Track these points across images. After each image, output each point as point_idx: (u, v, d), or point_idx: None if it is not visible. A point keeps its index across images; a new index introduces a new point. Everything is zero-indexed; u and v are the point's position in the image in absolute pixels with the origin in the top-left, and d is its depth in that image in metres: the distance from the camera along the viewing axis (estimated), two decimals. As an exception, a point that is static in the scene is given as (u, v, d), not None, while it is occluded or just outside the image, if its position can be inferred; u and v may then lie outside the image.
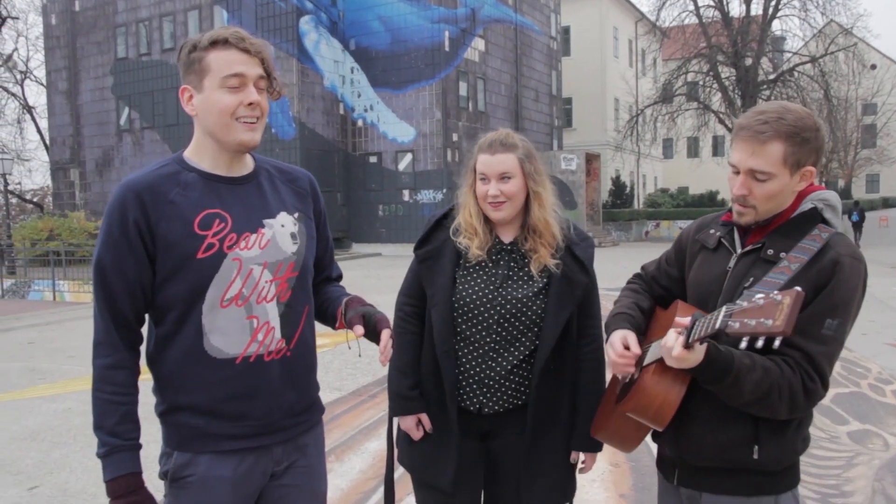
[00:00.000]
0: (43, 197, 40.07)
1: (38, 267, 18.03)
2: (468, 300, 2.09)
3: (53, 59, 30.84)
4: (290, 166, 1.92)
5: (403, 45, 25.25)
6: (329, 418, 5.48)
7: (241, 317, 1.67)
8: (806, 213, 1.76)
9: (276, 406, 1.73)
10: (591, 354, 2.15)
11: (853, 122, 40.86)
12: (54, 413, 5.84)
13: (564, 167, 27.84)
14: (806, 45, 30.03)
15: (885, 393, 5.87)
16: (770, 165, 1.68)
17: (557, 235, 2.11)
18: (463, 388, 2.12)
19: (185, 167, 1.70)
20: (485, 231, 2.13)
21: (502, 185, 2.07)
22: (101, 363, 1.62)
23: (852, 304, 1.67)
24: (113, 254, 1.61)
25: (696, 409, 1.78)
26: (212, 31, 1.66)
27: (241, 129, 1.66)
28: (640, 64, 41.41)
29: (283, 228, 1.75)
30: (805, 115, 1.71)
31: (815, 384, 1.63)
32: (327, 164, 25.62)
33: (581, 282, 2.11)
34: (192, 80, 1.66)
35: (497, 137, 2.13)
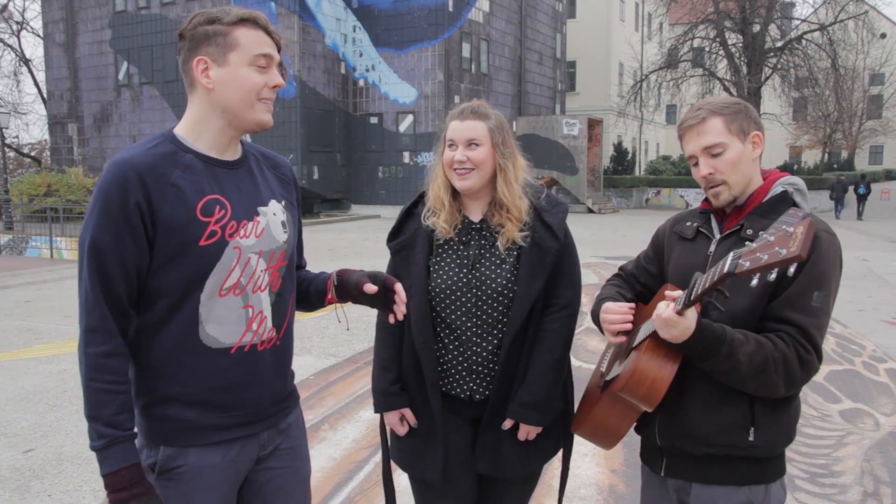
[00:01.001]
0: (41, 151, 39.83)
1: (36, 223, 17.97)
2: (443, 286, 2.07)
3: (50, 10, 30.32)
4: (271, 152, 1.89)
5: (406, 4, 24.84)
6: (324, 385, 5.51)
7: (238, 306, 1.64)
8: (777, 196, 1.84)
9: (266, 394, 1.72)
10: (553, 324, 2.07)
11: (860, 93, 40.40)
12: (50, 374, 5.86)
13: (566, 132, 27.63)
14: (815, 12, 29.57)
15: (878, 371, 5.90)
16: (718, 136, 1.81)
17: (523, 210, 2.07)
18: (451, 376, 2.10)
19: (181, 147, 1.63)
20: (452, 206, 2.10)
21: (469, 152, 2.04)
22: (97, 351, 1.54)
23: (832, 276, 1.73)
24: (112, 235, 1.53)
25: (693, 392, 1.79)
26: (237, 9, 1.63)
27: (262, 108, 1.66)
28: (647, 28, 40.85)
29: (274, 217, 1.73)
30: (726, 98, 1.90)
31: (810, 355, 1.68)
32: (328, 124, 25.40)
33: (551, 248, 2.06)
34: (212, 52, 1.60)
35: (469, 105, 2.11)
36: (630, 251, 14.22)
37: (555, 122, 28.28)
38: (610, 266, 11.87)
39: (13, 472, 3.98)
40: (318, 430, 4.53)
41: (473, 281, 2.06)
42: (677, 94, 30.10)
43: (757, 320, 1.73)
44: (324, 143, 25.21)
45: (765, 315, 1.73)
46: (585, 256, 12.87)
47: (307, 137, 24.31)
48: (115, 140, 28.51)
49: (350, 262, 11.17)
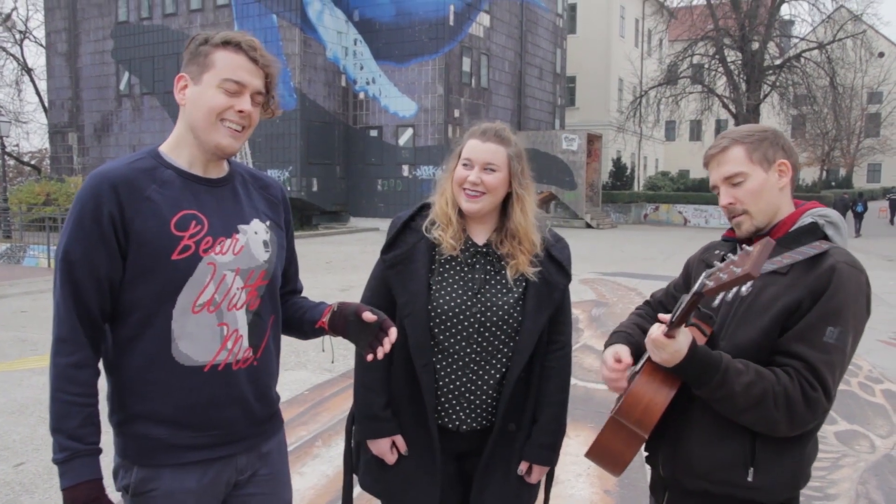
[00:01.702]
0: (41, 160, 39.89)
1: (34, 231, 17.96)
2: (446, 307, 1.97)
3: (53, 20, 30.47)
4: (262, 173, 1.88)
5: (408, 18, 24.97)
6: (318, 401, 5.48)
7: (213, 323, 1.62)
8: (805, 227, 1.75)
9: (241, 415, 1.70)
10: (559, 362, 2.06)
11: (858, 111, 40.61)
12: (43, 386, 5.83)
13: (566, 147, 27.70)
14: (814, 30, 29.79)
15: (874, 392, 5.88)
16: (738, 165, 1.76)
17: (537, 243, 2.03)
18: (441, 405, 2.01)
19: (161, 163, 1.64)
20: (458, 224, 2.02)
21: (484, 175, 1.97)
22: (64, 362, 1.53)
23: (852, 312, 1.64)
24: (84, 245, 1.53)
25: (694, 422, 1.76)
26: (228, 32, 1.64)
27: (224, 132, 1.63)
28: (646, 44, 41.08)
29: (256, 235, 1.71)
30: (757, 125, 1.85)
31: (816, 393, 1.59)
32: (327, 137, 25.47)
33: (560, 283, 2.04)
34: (192, 70, 1.63)
35: (493, 127, 2.03)
36: (629, 267, 14.23)
37: (554, 137, 28.36)
38: (607, 282, 11.87)
39: (3, 485, 3.95)
40: (312, 446, 4.51)
41: (478, 306, 1.97)
42: (676, 111, 30.25)
43: (767, 353, 1.67)
44: (323, 156, 25.26)
45: (775, 348, 1.66)
46: (583, 272, 12.86)
47: (307, 149, 24.37)
48: (115, 149, 28.56)
49: (347, 276, 11.17)
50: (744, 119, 28.07)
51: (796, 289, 1.64)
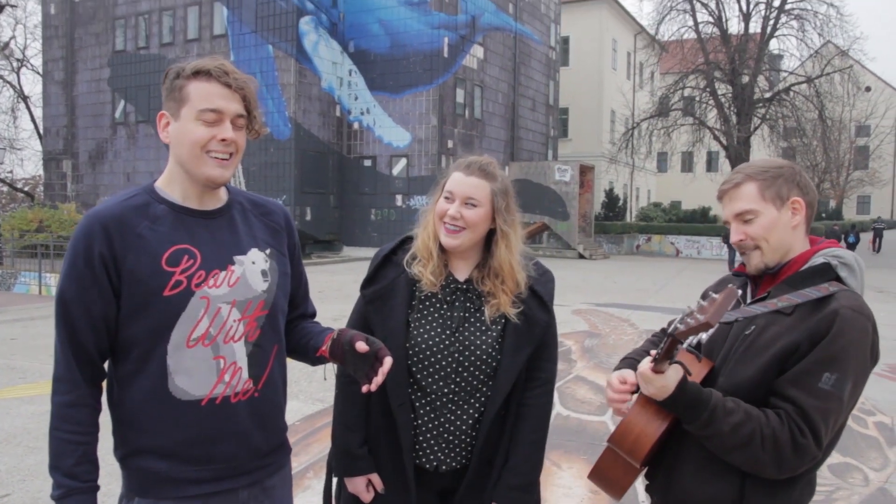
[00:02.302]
0: (34, 186, 39.84)
1: (26, 258, 17.88)
2: (423, 346, 1.92)
3: (51, 49, 30.68)
4: (264, 199, 1.87)
5: (402, 50, 25.24)
6: (310, 431, 5.44)
7: (208, 357, 1.62)
8: (816, 267, 1.72)
9: (242, 448, 1.68)
10: (537, 400, 1.99)
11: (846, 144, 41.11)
12: (31, 416, 5.77)
13: (558, 178, 27.88)
14: (802, 64, 30.24)
15: (867, 424, 5.88)
16: (749, 203, 1.75)
17: (521, 283, 1.96)
18: (419, 444, 1.96)
19: (155, 198, 1.66)
20: (439, 259, 1.97)
21: (464, 210, 1.92)
22: (60, 401, 1.57)
23: (853, 360, 1.60)
24: (77, 286, 1.56)
25: (687, 455, 1.76)
26: (197, 61, 1.63)
27: (212, 163, 1.62)
28: (638, 77, 41.59)
29: (253, 265, 1.71)
30: (775, 159, 1.82)
31: (805, 440, 1.57)
32: (321, 166, 25.57)
33: (541, 320, 1.97)
34: (170, 106, 1.63)
35: (478, 161, 1.99)
36: (621, 298, 14.23)
37: (547, 168, 28.55)
38: (600, 313, 11.87)
39: (-11, 517, 3.89)
40: (303, 477, 4.46)
41: (456, 345, 1.93)
42: (668, 142, 30.54)
43: (764, 393, 1.65)
44: (317, 185, 25.33)
45: (771, 389, 1.65)
46: (576, 303, 12.86)
47: (301, 178, 24.44)
48: (109, 177, 28.59)
49: (340, 305, 11.14)
50: (735, 151, 28.35)
51: (797, 331, 1.63)
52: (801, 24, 28.90)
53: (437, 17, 24.80)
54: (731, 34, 29.63)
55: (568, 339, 9.23)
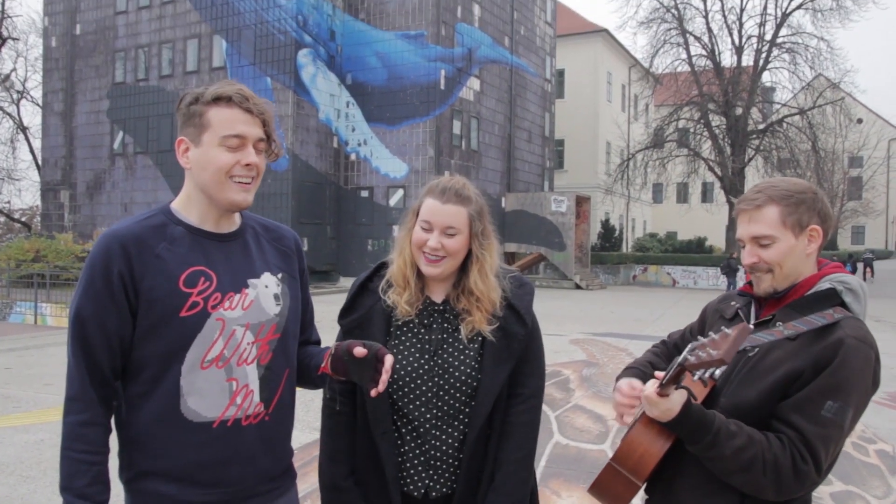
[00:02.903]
0: (31, 217, 39.86)
1: (22, 288, 17.83)
2: (402, 373, 1.88)
3: (51, 81, 30.94)
4: (276, 224, 1.88)
5: (399, 82, 25.51)
6: (307, 460, 5.38)
7: (221, 379, 1.62)
8: (822, 292, 1.71)
9: (251, 471, 1.67)
10: (521, 417, 1.92)
11: (840, 174, 41.45)
12: (25, 445, 5.70)
13: (555, 208, 28.01)
14: (795, 97, 30.65)
15: (868, 453, 5.84)
16: (769, 228, 1.72)
17: (497, 302, 1.92)
18: (406, 471, 1.91)
19: (172, 220, 1.67)
20: (416, 285, 1.93)
21: (445, 240, 1.87)
22: (74, 420, 1.55)
23: (855, 389, 1.60)
24: (94, 305, 1.55)
25: (686, 473, 1.76)
26: (216, 86, 1.63)
27: (235, 188, 1.64)
28: (633, 109, 42.05)
29: (266, 289, 1.71)
30: (799, 182, 1.76)
31: (807, 466, 1.57)
32: (319, 197, 25.66)
33: (517, 333, 1.91)
34: (190, 132, 1.64)
35: (452, 185, 1.92)
36: (618, 327, 14.22)
37: (543, 199, 28.70)
38: (598, 343, 11.84)
39: (-19, 547, 3.83)
40: (300, 506, 4.41)
41: (436, 368, 1.89)
42: (663, 173, 30.82)
43: (766, 416, 1.66)
44: (314, 215, 25.41)
45: (773, 413, 1.65)
46: (574, 333, 12.84)
47: (298, 209, 24.51)
48: (107, 207, 28.63)
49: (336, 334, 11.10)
50: (729, 182, 28.57)
51: (801, 357, 1.63)
52: (793, 56, 29.38)
53: (434, 49, 25.12)
54: (724, 67, 30.08)
55: (566, 369, 9.20)
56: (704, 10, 30.11)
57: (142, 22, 28.12)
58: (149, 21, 27.93)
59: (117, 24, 28.78)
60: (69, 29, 30.18)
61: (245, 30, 25.28)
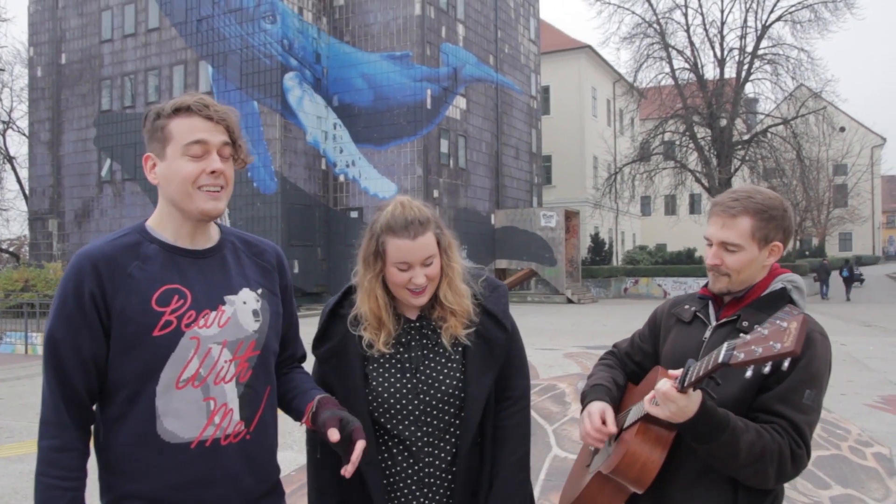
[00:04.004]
0: (19, 247, 39.61)
1: (11, 318, 17.67)
2: (385, 395, 1.85)
3: (37, 111, 30.92)
4: (257, 239, 1.85)
5: (386, 103, 25.63)
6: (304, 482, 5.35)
7: (198, 398, 1.58)
8: (776, 292, 1.87)
9: (233, 492, 1.63)
10: (511, 420, 1.90)
11: (825, 182, 41.86)
12: (20, 475, 5.64)
13: (544, 224, 28.10)
14: (778, 107, 30.98)
15: (865, 456, 5.86)
16: (738, 238, 1.83)
17: (469, 307, 1.89)
18: (399, 490, 1.88)
19: (147, 237, 1.64)
20: (393, 320, 1.88)
21: (426, 270, 1.83)
22: (48, 445, 1.51)
23: (824, 377, 1.77)
24: (67, 326, 1.52)
25: (676, 474, 1.79)
26: (176, 99, 1.62)
27: (204, 197, 1.61)
28: (618, 123, 42.37)
29: (244, 305, 1.68)
30: (774, 197, 1.87)
31: (801, 450, 1.69)
32: (308, 219, 25.66)
33: (498, 338, 1.89)
34: (155, 147, 1.62)
35: (412, 216, 1.83)
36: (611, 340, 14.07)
37: (532, 215, 28.80)
38: (591, 356, 11.83)
39: (-22, 579, 3.78)
40: (300, 527, 4.38)
41: (420, 385, 1.86)
42: (651, 186, 30.99)
43: (745, 411, 1.74)
44: (304, 238, 25.38)
45: (756, 407, 1.74)
46: (567, 346, 12.84)
47: (288, 232, 24.49)
48: (96, 235, 28.50)
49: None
50: (717, 192, 28.73)
51: None
52: (775, 68, 29.73)
53: (420, 70, 25.28)
54: (707, 79, 30.40)
55: (561, 382, 9.19)
56: (686, 25, 30.48)
57: (127, 50, 28.19)
58: (134, 49, 28.01)
59: (103, 53, 28.84)
60: (55, 58, 30.21)
61: (231, 55, 25.38)
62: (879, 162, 54.78)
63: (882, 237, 59.26)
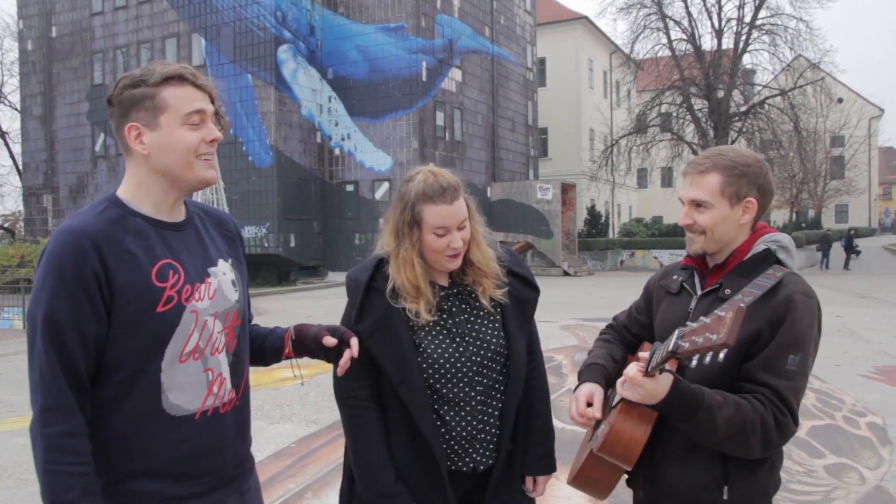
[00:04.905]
0: (14, 223, 39.48)
1: (8, 294, 17.65)
2: (441, 360, 1.91)
3: (29, 85, 30.61)
4: (214, 209, 1.85)
5: (381, 75, 25.43)
6: (305, 453, 5.40)
7: (199, 370, 1.61)
8: (759, 254, 1.82)
9: (230, 457, 1.69)
10: (536, 373, 2.08)
11: (822, 154, 41.76)
12: (22, 448, 5.68)
13: (540, 196, 28.07)
14: (776, 78, 30.80)
15: (859, 425, 5.93)
16: (707, 195, 1.81)
17: (497, 268, 2.00)
18: (453, 451, 1.95)
19: (127, 211, 1.59)
20: (430, 291, 1.94)
21: (463, 234, 1.92)
22: (58, 431, 1.44)
23: (810, 339, 1.72)
24: (69, 307, 1.46)
25: (667, 449, 1.80)
26: (160, 67, 1.58)
27: (203, 166, 1.62)
28: (615, 95, 42.12)
29: (224, 276, 1.71)
30: (747, 154, 1.85)
31: (786, 418, 1.67)
32: (304, 193, 25.59)
33: (530, 297, 2.06)
34: (142, 116, 1.57)
35: (446, 183, 1.91)
36: (607, 312, 14.23)
37: (528, 188, 28.75)
38: (588, 327, 11.91)
39: (-17, 551, 3.82)
40: (302, 498, 4.43)
41: (470, 347, 1.94)
42: (647, 158, 30.90)
43: (731, 380, 1.73)
44: (300, 211, 25.33)
45: (740, 376, 1.72)
46: (564, 319, 12.90)
47: (283, 206, 24.44)
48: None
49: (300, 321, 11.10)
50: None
51: (755, 319, 1.71)
52: (773, 38, 29.50)
53: (415, 41, 25.06)
54: (704, 50, 30.16)
55: (558, 354, 9.25)
56: (683, -6, 30.17)
57: (119, 22, 27.85)
58: (126, 21, 27.67)
59: (94, 26, 28.49)
60: (45, 31, 29.84)
61: (224, 27, 25.09)
62: (877, 133, 54.71)
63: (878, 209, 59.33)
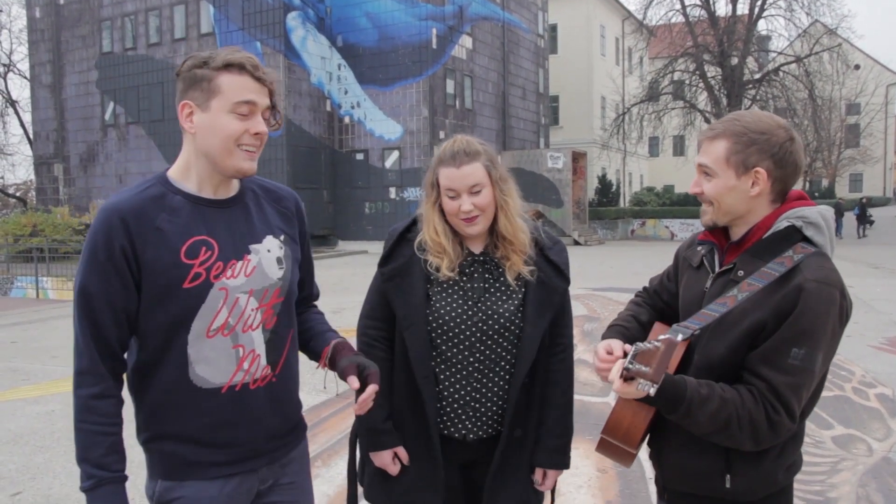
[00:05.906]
0: (26, 192, 39.72)
1: (21, 263, 17.84)
2: (446, 318, 1.97)
3: (37, 53, 30.50)
4: (275, 185, 1.88)
5: (391, 42, 25.18)
6: (316, 421, 5.46)
7: (227, 346, 1.65)
8: (780, 232, 1.67)
9: (261, 432, 1.72)
10: (561, 364, 2.07)
11: (837, 122, 41.22)
12: (37, 416, 5.78)
13: (551, 165, 27.90)
14: (791, 45, 30.28)
15: (868, 397, 5.93)
16: (712, 162, 1.70)
17: (527, 242, 2.01)
18: (446, 414, 2.01)
19: (170, 189, 1.65)
20: (454, 247, 2.01)
21: (475, 199, 1.95)
22: (86, 393, 1.57)
23: (820, 332, 1.58)
24: (99, 279, 1.56)
25: (669, 434, 1.79)
26: (226, 53, 1.63)
27: (243, 156, 1.64)
28: (627, 62, 41.58)
29: (269, 254, 1.73)
30: (764, 119, 1.68)
31: (779, 416, 1.58)
32: (314, 161, 25.53)
33: (559, 287, 2.04)
34: (196, 96, 1.62)
35: (459, 147, 1.98)
36: (618, 282, 14.28)
37: (539, 156, 28.56)
38: (598, 297, 11.92)
39: (1, 516, 3.91)
40: (312, 466, 4.48)
41: (479, 314, 1.97)
42: (659, 127, 30.59)
43: (737, 368, 1.66)
44: (310, 180, 25.30)
45: (743, 364, 1.65)
46: (574, 288, 12.89)
47: (293, 174, 24.41)
48: (102, 179, 28.49)
49: (339, 298, 11.16)
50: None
51: (762, 308, 1.62)
52: (789, 3, 28.93)
53: (425, 8, 24.75)
54: (718, 16, 29.66)
55: (568, 324, 9.27)
56: (698, -42, 29.58)
57: (126, -11, 27.61)
58: (133, -13, 27.43)
59: (101, -8, 28.27)
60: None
61: (232, -7, 24.84)
62: (894, 101, 53.81)
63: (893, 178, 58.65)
